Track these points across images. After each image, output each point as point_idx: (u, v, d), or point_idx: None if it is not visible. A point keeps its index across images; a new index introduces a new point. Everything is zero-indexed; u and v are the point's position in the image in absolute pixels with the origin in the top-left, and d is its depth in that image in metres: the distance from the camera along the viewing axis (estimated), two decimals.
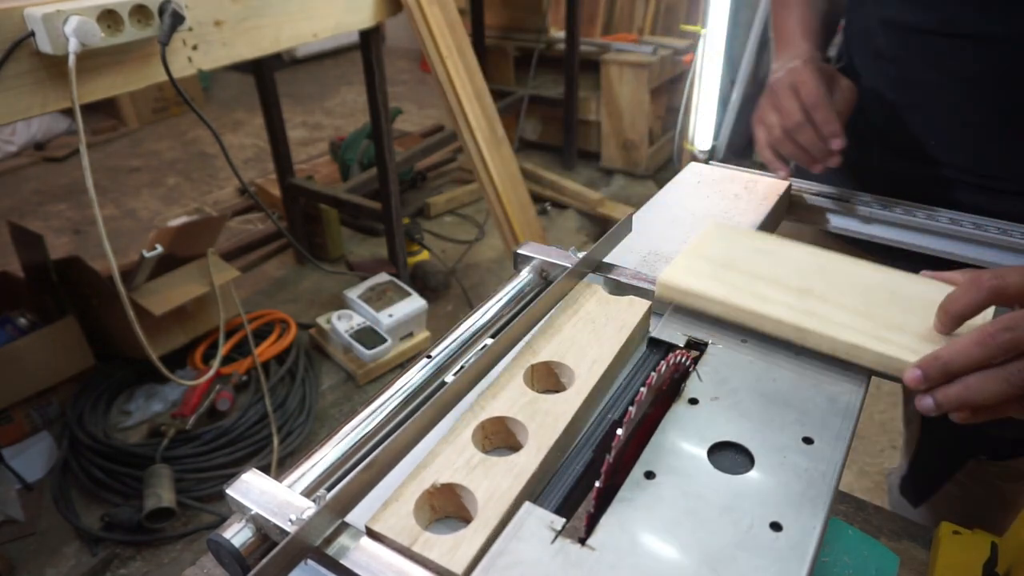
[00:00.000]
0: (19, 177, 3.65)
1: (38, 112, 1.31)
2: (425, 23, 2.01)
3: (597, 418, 0.51)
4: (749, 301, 0.54)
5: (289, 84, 4.76)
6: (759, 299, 0.54)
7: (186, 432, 1.90)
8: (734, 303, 0.54)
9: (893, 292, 0.54)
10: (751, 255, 0.60)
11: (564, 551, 0.39)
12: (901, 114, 0.81)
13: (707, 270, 0.58)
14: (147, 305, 1.90)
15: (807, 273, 0.57)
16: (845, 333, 0.51)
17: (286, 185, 2.61)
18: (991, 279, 0.46)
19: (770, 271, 0.58)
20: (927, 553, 0.73)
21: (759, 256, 0.60)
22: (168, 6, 1.36)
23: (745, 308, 0.54)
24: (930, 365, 0.45)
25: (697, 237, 0.63)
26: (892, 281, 0.56)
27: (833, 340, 0.51)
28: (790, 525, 0.40)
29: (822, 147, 0.72)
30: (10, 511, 1.73)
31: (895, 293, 0.54)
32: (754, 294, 0.55)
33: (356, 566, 0.39)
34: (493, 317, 0.60)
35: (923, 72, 0.76)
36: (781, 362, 0.54)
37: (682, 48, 3.37)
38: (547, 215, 3.16)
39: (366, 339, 2.16)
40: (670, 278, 0.57)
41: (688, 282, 0.57)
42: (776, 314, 0.53)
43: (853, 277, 0.56)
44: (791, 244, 0.62)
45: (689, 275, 0.57)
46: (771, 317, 0.53)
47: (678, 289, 0.57)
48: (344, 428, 0.49)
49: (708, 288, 0.56)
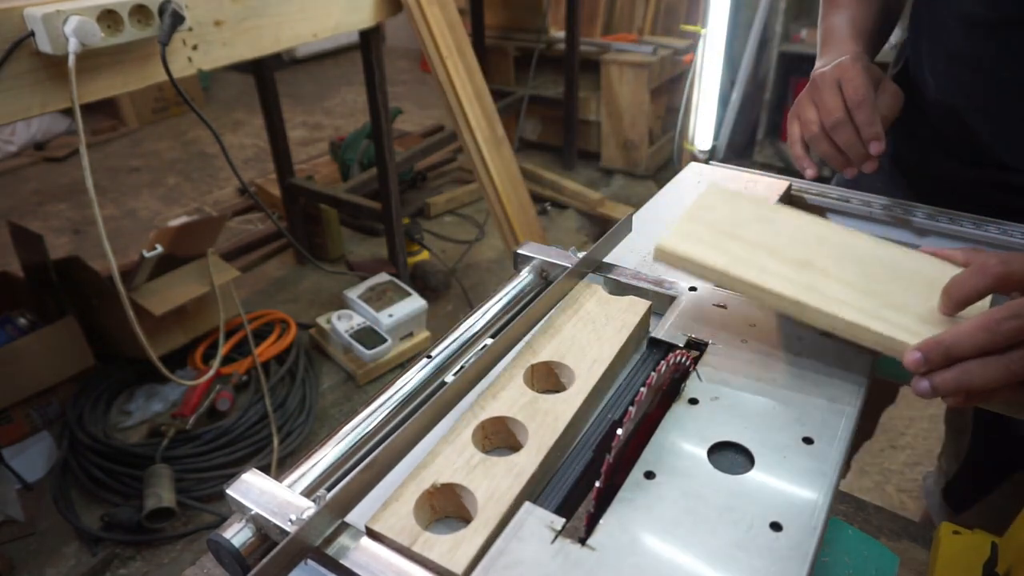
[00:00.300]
0: (19, 177, 3.65)
1: (38, 112, 1.31)
2: (425, 23, 2.01)
3: (597, 418, 0.51)
4: (750, 272, 0.53)
5: (289, 84, 4.76)
6: (759, 271, 0.53)
7: (186, 432, 1.90)
8: (734, 274, 0.53)
9: (893, 268, 0.53)
10: (751, 223, 0.58)
11: (564, 551, 0.39)
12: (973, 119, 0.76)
13: (707, 237, 0.56)
14: (147, 305, 1.90)
15: (807, 243, 0.56)
16: (845, 311, 0.50)
17: (286, 185, 2.61)
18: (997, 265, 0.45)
19: (771, 240, 0.56)
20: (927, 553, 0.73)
21: (759, 224, 0.58)
22: (168, 6, 1.36)
23: (745, 280, 0.53)
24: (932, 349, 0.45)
25: (697, 200, 0.61)
26: (892, 256, 0.55)
27: (833, 317, 0.50)
28: (790, 525, 0.40)
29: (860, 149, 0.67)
30: (10, 511, 1.73)
31: (895, 269, 0.53)
32: (754, 265, 0.54)
33: (356, 566, 0.39)
34: (493, 317, 0.60)
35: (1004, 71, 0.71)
36: (781, 362, 0.54)
37: (682, 48, 3.37)
38: (547, 215, 3.16)
39: (366, 339, 2.16)
40: (669, 244, 0.56)
41: (688, 249, 0.55)
42: (777, 287, 0.52)
43: (853, 250, 0.55)
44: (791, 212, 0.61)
45: (689, 242, 0.56)
46: (771, 291, 0.52)
47: (677, 256, 0.55)
48: (344, 428, 0.49)
49: (708, 257, 0.54)
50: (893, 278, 0.52)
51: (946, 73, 0.78)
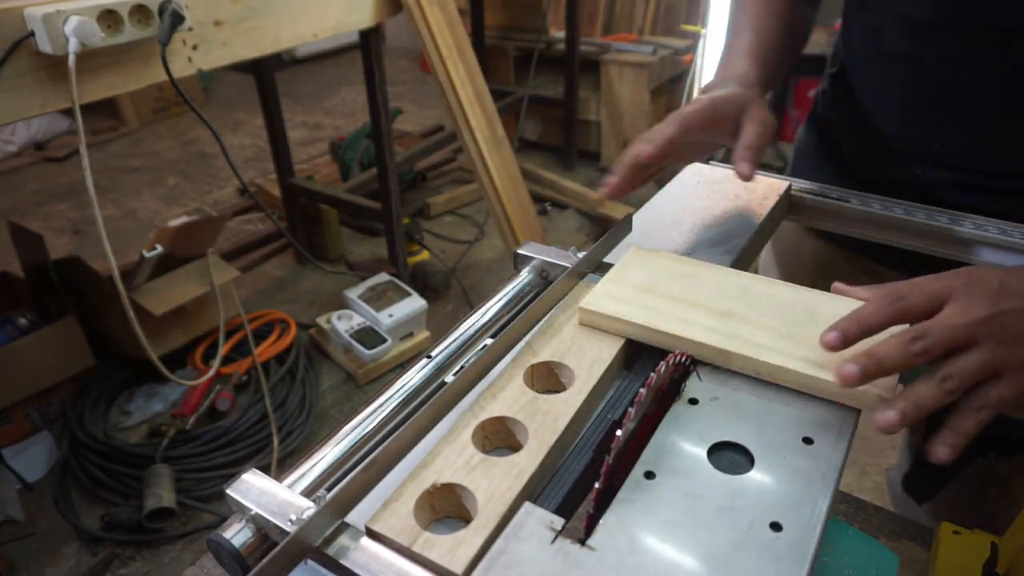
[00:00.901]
0: (19, 177, 3.65)
1: (38, 112, 1.31)
2: (425, 23, 2.01)
3: (597, 418, 0.51)
4: (671, 325, 0.54)
5: (289, 84, 4.76)
6: (681, 323, 0.55)
7: (186, 432, 1.90)
8: (656, 327, 0.54)
9: (812, 311, 0.55)
10: (673, 279, 0.60)
11: (564, 551, 0.39)
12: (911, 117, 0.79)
13: (629, 295, 0.58)
14: (147, 305, 1.90)
15: (729, 295, 0.58)
16: (767, 355, 0.51)
17: (286, 185, 2.61)
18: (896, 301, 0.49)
19: (692, 294, 0.58)
20: (927, 553, 0.73)
21: (681, 279, 0.60)
22: (168, 6, 1.36)
23: (667, 332, 0.54)
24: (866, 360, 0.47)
25: (619, 264, 0.63)
26: (811, 300, 0.57)
27: (756, 362, 0.51)
28: (790, 525, 0.40)
29: None
30: (10, 511, 1.73)
31: (814, 312, 0.55)
32: (676, 317, 0.55)
33: (356, 566, 0.39)
34: (493, 317, 0.60)
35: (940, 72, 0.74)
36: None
37: (682, 48, 3.37)
38: (547, 215, 3.16)
39: (366, 339, 2.16)
40: (592, 304, 0.57)
41: (610, 308, 0.56)
42: (699, 337, 0.53)
43: (773, 298, 0.57)
44: (712, 267, 0.63)
45: (611, 301, 0.57)
46: (694, 340, 0.53)
47: (600, 315, 0.56)
48: (344, 428, 0.49)
49: (630, 313, 0.56)
50: (812, 321, 0.54)
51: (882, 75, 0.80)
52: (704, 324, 0.54)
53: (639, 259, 0.64)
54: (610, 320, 0.56)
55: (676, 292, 0.58)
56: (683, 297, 0.58)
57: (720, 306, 0.57)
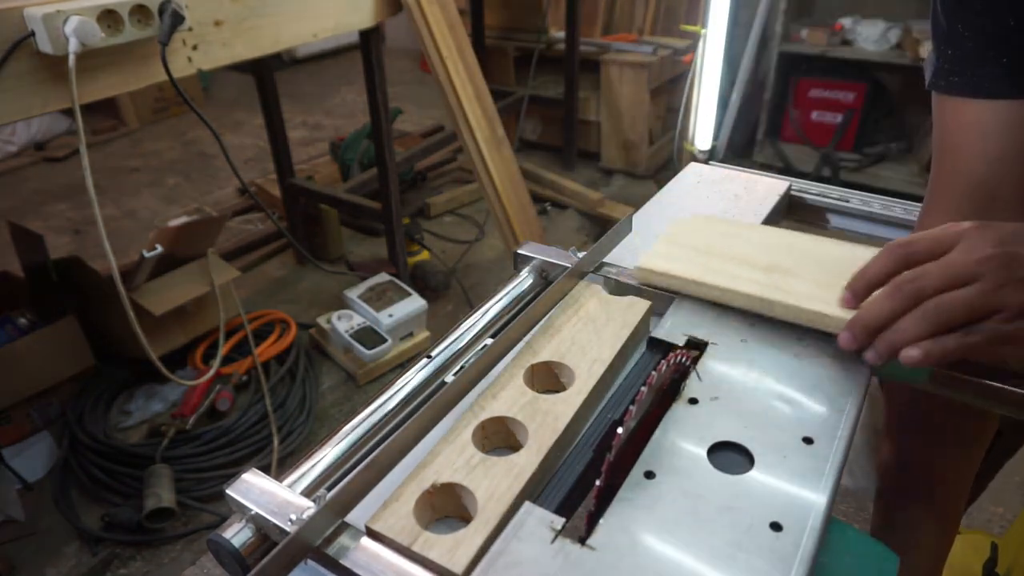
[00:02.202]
0: (19, 177, 3.65)
1: (38, 112, 1.31)
2: (425, 23, 2.01)
3: (597, 418, 0.51)
4: (719, 279, 0.59)
5: (289, 84, 4.75)
6: (730, 277, 0.59)
7: (186, 432, 1.90)
8: (707, 282, 0.59)
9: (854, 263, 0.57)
10: (722, 239, 0.65)
11: (564, 551, 0.39)
12: None
13: (682, 255, 0.63)
14: (147, 305, 1.90)
15: (775, 251, 0.62)
16: (808, 303, 0.55)
17: (286, 185, 2.61)
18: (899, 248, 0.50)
19: (740, 252, 0.63)
20: None
21: (730, 239, 0.65)
22: (168, 6, 1.36)
23: (717, 285, 0.59)
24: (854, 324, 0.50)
25: (671, 226, 0.68)
26: (853, 254, 0.60)
27: (797, 309, 0.55)
28: (790, 525, 0.40)
29: None
30: (10, 511, 1.73)
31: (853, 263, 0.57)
32: (724, 272, 0.60)
33: (356, 566, 0.39)
34: (493, 317, 0.60)
35: None
36: (781, 362, 0.54)
37: (682, 48, 3.37)
38: (547, 215, 3.16)
39: (366, 339, 2.16)
40: (648, 263, 0.62)
41: (664, 266, 0.61)
42: (745, 289, 0.58)
43: (817, 253, 0.62)
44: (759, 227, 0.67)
45: (664, 260, 0.62)
46: (741, 292, 0.58)
47: (655, 272, 0.61)
48: (344, 428, 0.49)
49: (682, 270, 0.60)
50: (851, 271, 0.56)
51: None
52: (749, 277, 0.59)
53: (691, 223, 0.68)
54: (664, 277, 0.61)
55: (725, 250, 0.63)
56: (731, 255, 0.62)
57: (765, 261, 0.61)
